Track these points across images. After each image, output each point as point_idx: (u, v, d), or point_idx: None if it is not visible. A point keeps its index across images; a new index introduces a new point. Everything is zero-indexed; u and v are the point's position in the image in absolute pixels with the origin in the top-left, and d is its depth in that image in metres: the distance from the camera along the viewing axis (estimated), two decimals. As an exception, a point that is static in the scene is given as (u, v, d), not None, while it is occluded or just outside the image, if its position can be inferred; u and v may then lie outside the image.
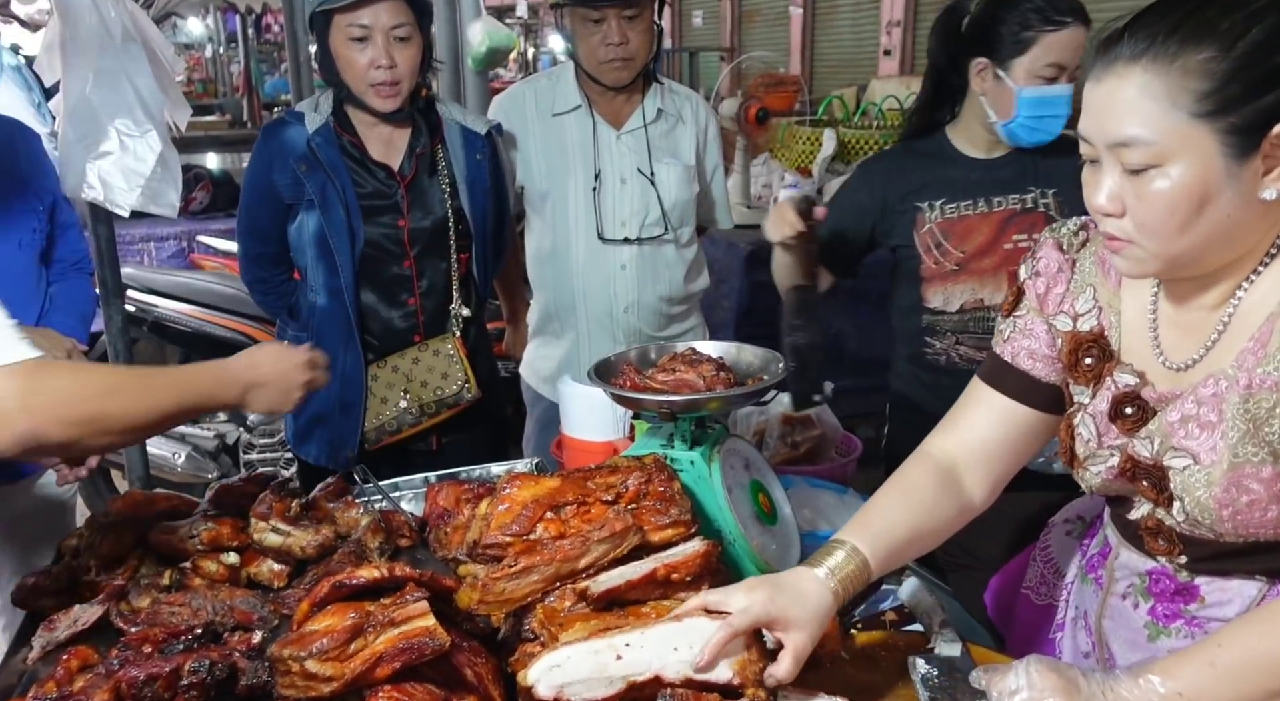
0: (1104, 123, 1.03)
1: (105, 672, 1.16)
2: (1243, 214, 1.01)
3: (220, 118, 9.85)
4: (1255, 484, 1.05)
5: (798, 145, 4.66)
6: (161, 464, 3.42)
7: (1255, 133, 0.98)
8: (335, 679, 1.07)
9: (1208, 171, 0.99)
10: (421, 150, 2.25)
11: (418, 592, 1.17)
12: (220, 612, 1.38)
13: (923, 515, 1.24)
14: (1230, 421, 1.06)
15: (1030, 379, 1.27)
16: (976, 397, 1.31)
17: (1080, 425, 1.21)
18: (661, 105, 2.48)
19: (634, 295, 2.48)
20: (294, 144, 2.19)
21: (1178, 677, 1.04)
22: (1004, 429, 1.29)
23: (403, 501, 1.85)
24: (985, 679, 1.13)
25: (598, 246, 2.45)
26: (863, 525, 1.21)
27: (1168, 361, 1.15)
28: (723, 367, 1.54)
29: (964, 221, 2.02)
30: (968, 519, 1.30)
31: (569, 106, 2.45)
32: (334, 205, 2.17)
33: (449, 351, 2.26)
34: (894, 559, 1.21)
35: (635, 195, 2.45)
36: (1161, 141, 0.99)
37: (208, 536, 1.51)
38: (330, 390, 2.21)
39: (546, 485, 1.36)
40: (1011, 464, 1.30)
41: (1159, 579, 1.20)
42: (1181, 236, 1.02)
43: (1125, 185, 1.04)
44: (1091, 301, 1.22)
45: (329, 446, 2.31)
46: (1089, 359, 1.20)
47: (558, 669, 1.07)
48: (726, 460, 1.53)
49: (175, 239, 4.69)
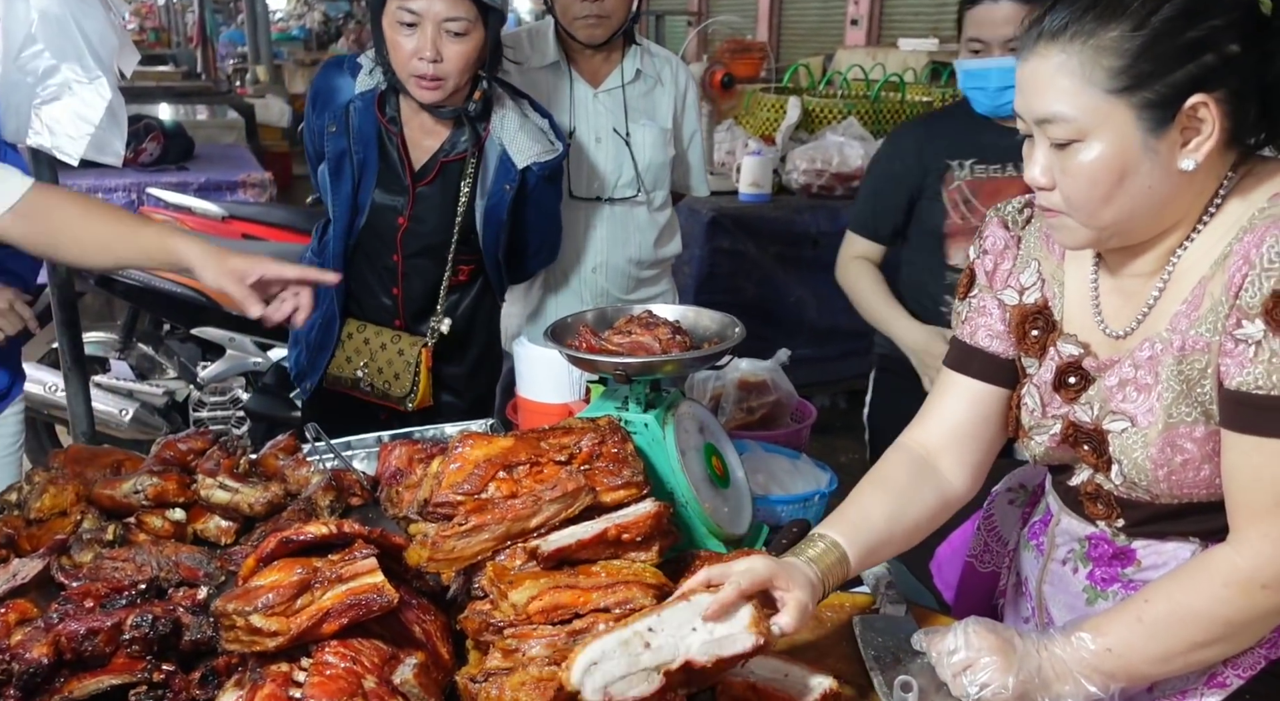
0: (1030, 99, 1.07)
1: (44, 626, 1.14)
2: (1164, 185, 1.04)
3: (174, 69, 9.57)
4: (1189, 443, 1.08)
5: (762, 112, 4.64)
6: (108, 420, 3.36)
7: (1169, 106, 1.01)
8: (280, 633, 1.06)
9: (1126, 145, 1.02)
10: (452, 157, 2.11)
11: (366, 549, 1.16)
12: (165, 568, 1.35)
13: (900, 506, 1.24)
14: (1165, 383, 1.09)
15: (991, 356, 1.29)
16: (945, 385, 1.33)
17: (1026, 396, 1.24)
18: (641, 66, 2.46)
19: (602, 255, 2.47)
20: (339, 96, 2.11)
21: (1107, 634, 1.08)
22: (974, 410, 1.30)
23: (355, 460, 1.83)
24: (925, 641, 1.16)
25: (569, 204, 2.42)
26: (842, 519, 1.21)
27: (1108, 329, 1.18)
28: (679, 331, 1.54)
29: (993, 182, 2.06)
30: (953, 508, 1.31)
31: (547, 62, 2.42)
32: (345, 177, 2.10)
33: (412, 358, 2.18)
34: (875, 551, 1.21)
35: (609, 155, 2.44)
36: (1080, 117, 1.03)
37: (153, 492, 1.48)
38: (315, 322, 2.15)
39: (499, 445, 1.36)
40: (987, 446, 1.31)
41: (1097, 543, 1.24)
42: (1106, 208, 1.06)
43: (1054, 159, 1.07)
44: (1036, 275, 1.25)
45: (298, 367, 2.29)
46: (1035, 330, 1.23)
47: (595, 667, 1.01)
48: (681, 423, 1.53)
49: (124, 191, 4.55)
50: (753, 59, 5.50)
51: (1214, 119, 1.01)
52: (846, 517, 1.21)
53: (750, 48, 5.84)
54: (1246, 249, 1.01)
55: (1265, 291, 0.98)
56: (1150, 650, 1.06)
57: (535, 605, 1.15)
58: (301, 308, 1.67)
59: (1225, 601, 1.04)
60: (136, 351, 3.66)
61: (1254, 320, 0.98)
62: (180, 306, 3.38)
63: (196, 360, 3.57)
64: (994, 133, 2.06)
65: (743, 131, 4.52)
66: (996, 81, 1.96)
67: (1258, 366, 0.99)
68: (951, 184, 2.08)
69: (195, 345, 3.57)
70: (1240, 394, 1.01)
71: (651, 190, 2.48)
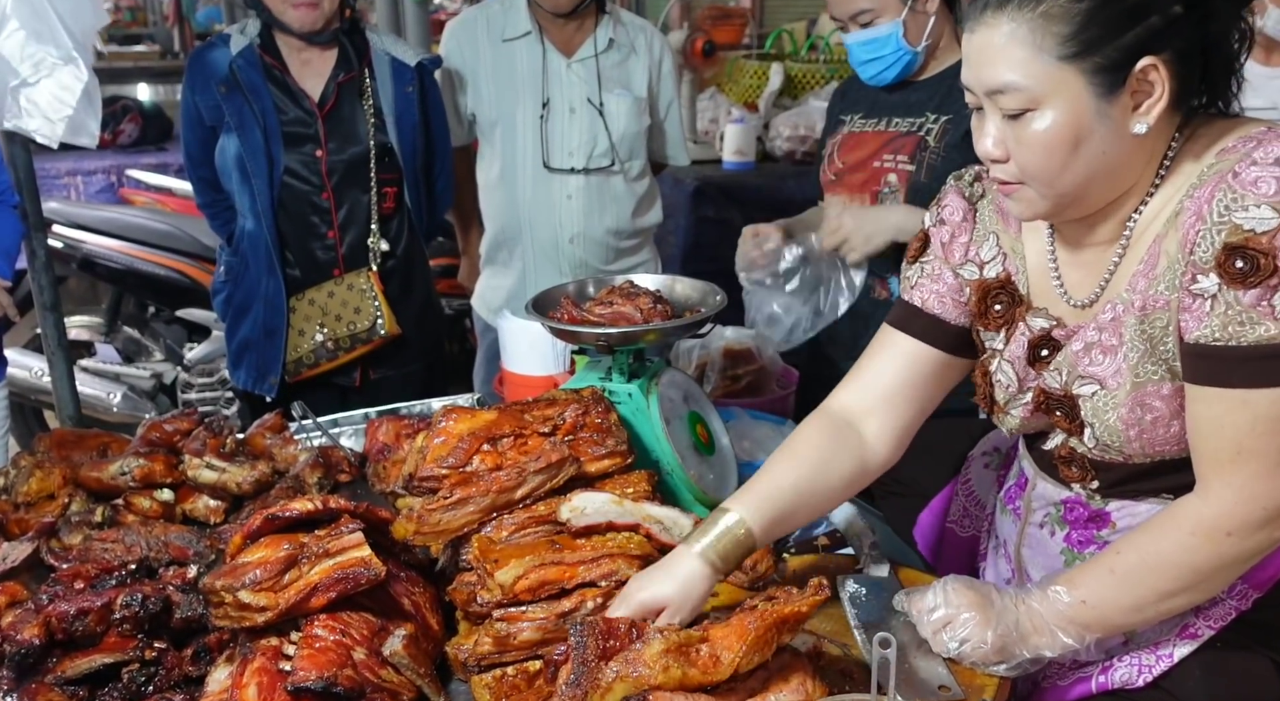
0: (979, 71, 1.07)
1: (35, 608, 1.15)
2: (1118, 149, 1.05)
3: (150, 48, 9.43)
4: (1157, 401, 1.09)
5: (744, 79, 4.60)
6: (96, 404, 3.35)
7: (1120, 70, 1.01)
8: (269, 609, 1.08)
9: (1079, 111, 1.02)
10: (345, 78, 2.20)
11: (353, 524, 1.17)
12: (154, 548, 1.37)
13: (812, 474, 1.24)
14: (1130, 343, 1.10)
15: (937, 320, 1.29)
16: (883, 343, 1.32)
17: (998, 371, 1.24)
18: (614, 35, 2.44)
19: (579, 226, 2.46)
20: (217, 66, 2.15)
21: (1081, 586, 1.10)
22: (909, 371, 1.29)
23: (342, 437, 1.84)
24: (906, 601, 1.18)
25: (544, 175, 2.42)
26: (749, 491, 1.21)
27: (1071, 299, 1.18)
28: (660, 300, 1.55)
29: (858, 137, 2.06)
30: (873, 474, 1.30)
31: (519, 33, 2.41)
32: (251, 129, 2.13)
33: (363, 286, 2.23)
34: (783, 521, 1.21)
35: (584, 125, 2.42)
36: (1032, 86, 1.03)
37: (140, 473, 1.49)
38: (256, 315, 2.24)
39: (483, 418, 1.36)
40: (916, 409, 1.30)
41: (1073, 507, 1.25)
42: (1063, 175, 1.06)
43: (1006, 130, 1.07)
44: (995, 248, 1.25)
45: (256, 371, 2.31)
46: (998, 305, 1.23)
47: None
48: (665, 392, 1.54)
49: (104, 173, 4.51)
50: (735, 25, 5.44)
51: (1163, 81, 1.01)
52: (754, 490, 1.21)
53: (732, 14, 5.78)
54: (1198, 204, 1.01)
55: (1217, 246, 0.99)
56: (1122, 600, 1.08)
57: (522, 584, 1.16)
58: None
59: (1192, 549, 1.06)
60: (122, 334, 3.64)
61: (1208, 274, 0.99)
62: (164, 288, 3.36)
63: (182, 342, 3.56)
64: (887, 88, 2.05)
65: (725, 99, 4.48)
66: (858, 55, 1.97)
67: (1214, 319, 1.00)
68: (836, 137, 2.10)
69: (181, 327, 3.56)
70: (1199, 346, 1.02)
71: (626, 160, 2.47)
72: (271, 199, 2.17)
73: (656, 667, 0.98)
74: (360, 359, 2.29)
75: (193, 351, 3.46)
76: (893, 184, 1.97)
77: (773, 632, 1.02)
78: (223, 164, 2.21)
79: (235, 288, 2.30)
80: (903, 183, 1.96)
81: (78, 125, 2.24)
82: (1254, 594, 1.15)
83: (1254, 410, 1.00)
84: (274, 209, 2.18)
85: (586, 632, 1.03)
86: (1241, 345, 0.99)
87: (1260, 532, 1.04)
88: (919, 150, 1.94)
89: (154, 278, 3.28)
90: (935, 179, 1.92)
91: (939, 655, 1.13)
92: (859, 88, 2.13)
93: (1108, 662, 1.18)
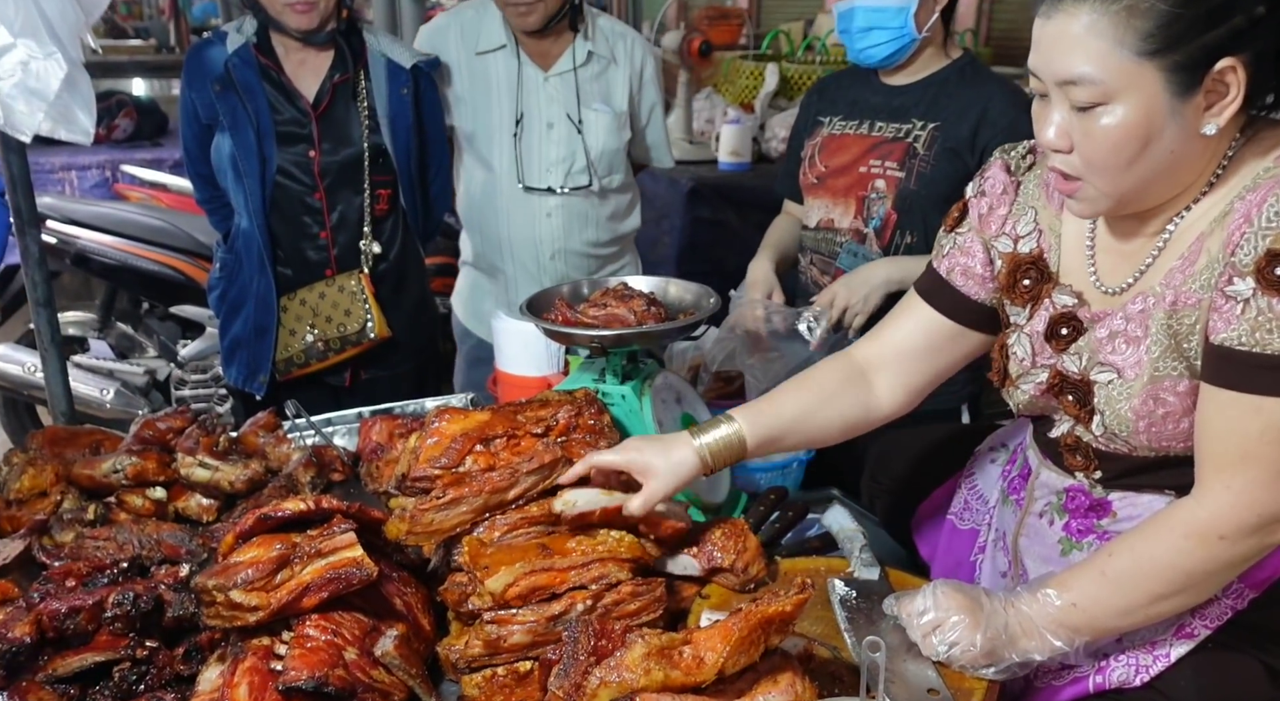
0: (1052, 60, 1.05)
1: (26, 606, 1.15)
2: (1185, 149, 1.04)
3: (146, 42, 9.40)
4: (1171, 397, 1.10)
5: (741, 80, 4.61)
6: (90, 400, 3.34)
7: (1198, 70, 1.00)
8: (261, 608, 1.08)
9: (1152, 109, 1.01)
10: (340, 79, 2.19)
11: (345, 524, 1.18)
12: (147, 547, 1.37)
13: (814, 406, 1.32)
14: (1154, 336, 1.10)
15: (961, 296, 1.31)
16: (907, 305, 1.37)
17: (1015, 344, 1.25)
18: (593, 48, 2.36)
19: (560, 243, 2.42)
20: (213, 64, 2.14)
21: (1072, 589, 1.10)
22: (926, 338, 1.34)
23: (336, 436, 1.84)
24: (896, 604, 1.18)
25: (521, 194, 2.37)
26: (753, 406, 1.32)
27: (1102, 284, 1.19)
28: (653, 302, 1.55)
29: (840, 139, 2.05)
30: (874, 423, 1.36)
31: (494, 45, 2.34)
32: (244, 128, 2.13)
33: (354, 288, 2.23)
34: (775, 441, 1.31)
35: (561, 142, 2.36)
36: (1108, 80, 1.01)
37: (132, 471, 1.49)
38: (248, 313, 2.24)
39: (476, 418, 1.37)
40: (929, 374, 1.35)
41: (1075, 495, 1.26)
42: (1128, 172, 1.05)
43: (1073, 122, 1.06)
44: (1033, 224, 1.25)
45: (246, 369, 2.31)
46: (1027, 280, 1.24)
47: None
48: (658, 394, 1.55)
49: (98, 168, 4.49)
50: (732, 25, 5.44)
51: (1239, 82, 1.00)
52: (758, 407, 1.32)
53: (729, 14, 5.78)
54: (1248, 207, 1.01)
55: (1260, 250, 0.99)
56: (1114, 603, 1.09)
57: (513, 591, 1.16)
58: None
59: (1185, 553, 1.06)
60: (115, 331, 3.63)
61: (1245, 277, 0.99)
62: (158, 284, 3.35)
63: (176, 338, 3.55)
64: (868, 89, 2.05)
65: (721, 99, 4.49)
66: (860, 21, 1.93)
67: (1243, 323, 1.00)
68: (816, 139, 2.09)
69: (175, 323, 3.55)
70: (1223, 349, 1.02)
71: (605, 176, 2.41)
72: (264, 198, 2.17)
73: (639, 671, 0.99)
74: (351, 359, 2.29)
75: (186, 348, 3.45)
76: (880, 189, 1.97)
77: (758, 633, 1.02)
78: (218, 161, 2.21)
79: (230, 285, 2.30)
80: (891, 189, 1.96)
81: (69, 120, 2.22)
82: (1250, 593, 1.16)
83: (1266, 418, 1.01)
84: (266, 208, 2.18)
85: (580, 630, 1.03)
86: (1266, 352, 0.99)
87: (1252, 538, 1.05)
88: (908, 157, 1.94)
89: (148, 274, 3.27)
90: (924, 186, 1.93)
91: (928, 658, 1.13)
92: (837, 86, 2.12)
93: (1104, 662, 1.18)
